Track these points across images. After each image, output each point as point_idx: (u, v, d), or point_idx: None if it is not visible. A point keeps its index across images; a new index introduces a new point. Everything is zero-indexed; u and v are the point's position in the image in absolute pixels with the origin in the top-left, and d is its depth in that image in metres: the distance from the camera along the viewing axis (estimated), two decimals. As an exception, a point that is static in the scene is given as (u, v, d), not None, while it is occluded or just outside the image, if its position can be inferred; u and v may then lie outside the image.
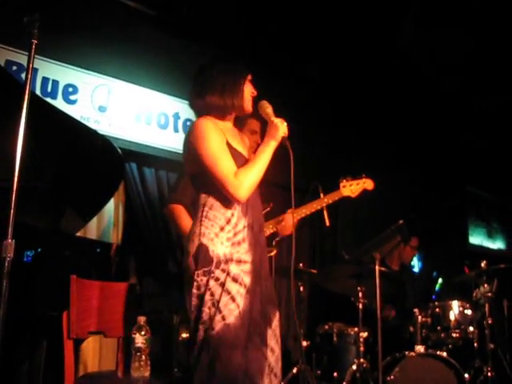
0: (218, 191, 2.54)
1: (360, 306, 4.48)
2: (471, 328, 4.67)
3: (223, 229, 2.51)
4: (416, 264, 7.50)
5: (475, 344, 4.73)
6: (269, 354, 2.49)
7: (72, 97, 4.45)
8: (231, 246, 2.50)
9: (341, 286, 4.80)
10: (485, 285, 4.82)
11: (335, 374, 4.74)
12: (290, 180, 2.61)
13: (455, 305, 4.71)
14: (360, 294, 4.49)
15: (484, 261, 4.78)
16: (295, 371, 4.63)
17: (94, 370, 3.96)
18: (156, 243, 4.80)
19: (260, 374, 2.42)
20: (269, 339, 2.51)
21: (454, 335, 4.65)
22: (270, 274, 2.69)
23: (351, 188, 4.11)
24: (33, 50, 2.17)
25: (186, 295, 2.47)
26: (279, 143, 2.63)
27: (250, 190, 2.53)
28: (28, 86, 2.15)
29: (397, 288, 4.94)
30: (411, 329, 4.67)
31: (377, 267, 4.14)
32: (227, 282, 2.43)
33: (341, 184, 4.12)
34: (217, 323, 2.38)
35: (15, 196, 2.01)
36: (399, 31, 5.69)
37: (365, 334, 4.58)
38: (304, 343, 4.76)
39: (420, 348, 4.41)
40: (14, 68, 4.14)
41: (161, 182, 4.93)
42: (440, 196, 7.63)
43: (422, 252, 7.44)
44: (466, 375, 4.34)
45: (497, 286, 4.97)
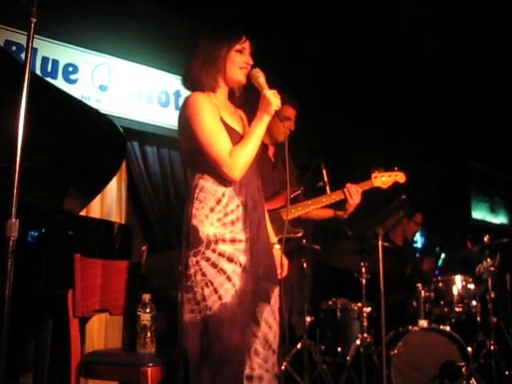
0: (212, 170, 2.51)
1: (363, 282, 4.50)
2: (474, 302, 4.70)
3: (213, 210, 2.49)
4: (419, 239, 7.52)
5: (478, 318, 4.76)
6: (266, 330, 2.52)
7: (72, 76, 4.43)
8: (223, 226, 2.48)
9: (344, 262, 4.82)
10: (487, 259, 4.83)
11: (339, 349, 4.78)
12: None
13: (458, 279, 4.73)
14: (363, 270, 4.51)
15: (487, 235, 4.79)
16: (299, 346, 4.67)
17: (100, 348, 3.99)
18: (159, 221, 4.81)
19: (248, 351, 2.46)
20: (267, 315, 2.53)
21: (457, 309, 4.67)
22: (267, 249, 2.65)
23: (382, 179, 4.12)
24: (32, 29, 2.14)
25: (179, 277, 2.48)
26: (273, 117, 2.55)
27: (245, 169, 2.51)
28: (28, 66, 2.14)
29: (400, 264, 4.96)
30: (414, 304, 4.69)
31: (380, 242, 4.15)
32: (221, 262, 2.43)
33: (372, 174, 4.12)
34: (213, 303, 2.38)
35: (18, 176, 2.01)
36: (401, 4, 5.65)
37: (368, 309, 4.61)
38: (308, 319, 4.79)
39: (423, 322, 4.44)
40: (14, 48, 4.11)
41: (163, 160, 4.93)
42: (442, 171, 7.62)
43: (426, 227, 7.46)
44: (469, 349, 4.37)
45: (499, 261, 4.99)
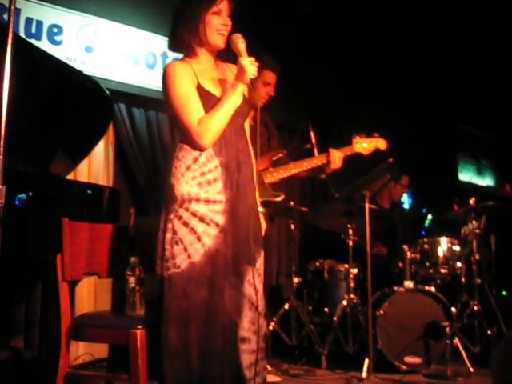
0: None
1: (350, 243, 4.55)
2: (459, 264, 4.76)
3: (189, 168, 2.53)
4: (406, 200, 7.56)
5: (462, 279, 4.83)
6: (252, 293, 2.54)
7: (57, 37, 4.35)
8: (198, 186, 2.52)
9: (331, 224, 4.86)
10: (473, 221, 4.89)
11: (326, 310, 4.86)
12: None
13: (444, 241, 4.78)
14: (350, 232, 4.55)
15: (472, 198, 4.83)
16: (287, 307, 4.74)
17: (91, 311, 4.02)
18: (147, 183, 4.81)
19: (238, 312, 2.50)
20: (251, 278, 2.54)
21: (442, 271, 4.74)
22: (252, 211, 2.64)
23: (364, 146, 4.13)
24: (15, -11, 2.11)
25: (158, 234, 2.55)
26: (248, 86, 2.57)
27: (214, 136, 2.53)
28: (11, 27, 2.10)
29: (387, 225, 5.00)
30: (400, 265, 4.75)
31: (367, 205, 4.18)
32: (192, 222, 2.48)
33: (354, 140, 4.13)
34: (182, 261, 2.45)
35: (3, 142, 1.99)
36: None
37: (355, 271, 4.68)
38: (295, 280, 4.85)
39: (409, 283, 4.50)
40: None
41: (150, 123, 4.90)
42: (430, 133, 7.63)
43: (412, 189, 7.50)
44: (453, 309, 4.46)
45: (485, 223, 5.04)
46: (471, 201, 4.82)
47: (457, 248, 4.78)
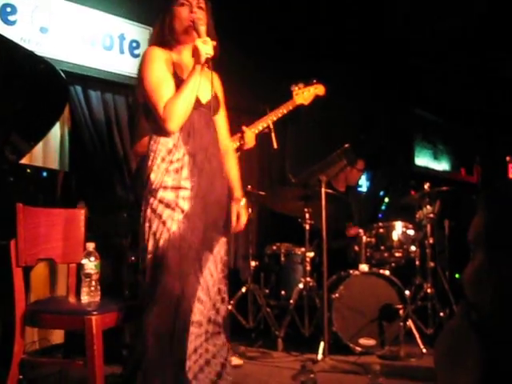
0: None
1: (307, 227, 4.59)
2: (413, 247, 4.86)
3: (164, 159, 2.59)
4: (364, 183, 7.66)
5: (417, 262, 4.94)
6: (209, 278, 2.62)
7: (11, 17, 4.24)
8: (167, 174, 2.57)
9: (288, 208, 4.90)
10: (427, 206, 4.98)
11: (282, 293, 4.92)
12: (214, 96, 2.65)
13: (398, 225, 4.87)
14: (307, 216, 4.59)
15: (427, 183, 4.92)
16: (244, 290, 4.78)
17: (47, 296, 3.99)
18: (103, 167, 4.77)
19: (193, 298, 2.54)
20: (210, 264, 2.63)
21: (397, 254, 4.83)
22: (221, 201, 2.73)
23: (304, 95, 4.11)
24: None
25: None
26: (204, 65, 2.56)
27: (180, 119, 2.56)
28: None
29: (342, 209, 5.07)
30: (356, 248, 4.82)
31: (323, 189, 4.23)
32: (159, 208, 2.55)
33: (293, 92, 4.10)
34: (152, 247, 2.54)
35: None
36: None
37: (311, 254, 4.72)
38: (252, 263, 4.89)
39: (364, 267, 4.58)
40: None
41: (107, 105, 4.84)
42: (388, 118, 7.72)
43: (371, 172, 7.60)
44: (407, 292, 4.55)
45: (439, 207, 5.15)
46: (426, 186, 4.91)
47: (411, 232, 4.87)
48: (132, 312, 2.72)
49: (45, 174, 3.40)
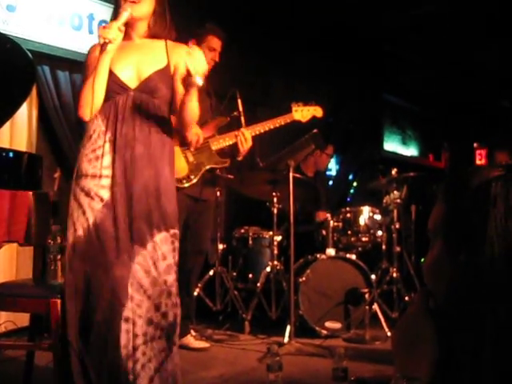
0: None
1: (275, 211, 4.61)
2: (380, 232, 4.92)
3: (84, 146, 2.57)
4: (333, 167, 7.71)
5: (383, 247, 5.01)
6: (141, 275, 2.46)
7: (-24, -6, 4.18)
8: (87, 162, 2.53)
9: (257, 192, 4.91)
10: (394, 191, 5.04)
11: (250, 276, 4.95)
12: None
13: (366, 210, 4.92)
14: (275, 200, 4.61)
15: (394, 168, 4.97)
16: (212, 273, 4.80)
17: (12, 279, 3.95)
18: (72, 148, 4.71)
19: (125, 292, 2.41)
20: (143, 260, 2.47)
21: (364, 239, 4.89)
22: (152, 190, 2.56)
23: (302, 113, 4.21)
24: None
25: None
26: (102, 51, 2.49)
27: (86, 106, 2.51)
28: None
29: (310, 193, 5.10)
30: (323, 233, 4.87)
31: (291, 174, 4.25)
32: (80, 196, 2.51)
33: (293, 108, 4.21)
34: (70, 236, 2.49)
35: None
36: None
37: (279, 238, 4.75)
38: (220, 246, 4.91)
39: (331, 251, 4.61)
40: None
41: (75, 86, 4.77)
42: (357, 103, 7.76)
43: (340, 156, 7.66)
44: (373, 276, 4.61)
45: (406, 193, 5.21)
46: (393, 171, 4.97)
47: (378, 217, 4.93)
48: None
49: (10, 156, 3.35)
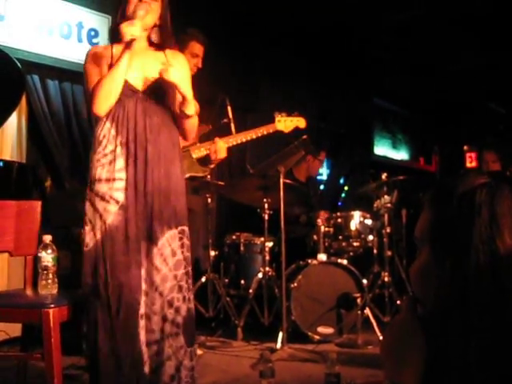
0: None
1: (266, 217, 4.62)
2: (371, 237, 4.93)
3: (95, 152, 2.61)
4: (324, 171, 7.73)
5: (374, 251, 5.02)
6: (153, 272, 2.55)
7: (-36, 4, 4.18)
8: (100, 167, 2.58)
9: (248, 198, 4.91)
10: (385, 196, 5.05)
11: (242, 282, 4.95)
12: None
13: (356, 215, 4.93)
14: (266, 206, 4.62)
15: (385, 173, 4.99)
16: (204, 280, 4.79)
17: (3, 289, 3.94)
18: (62, 157, 4.72)
19: (139, 290, 2.52)
20: (155, 257, 2.56)
21: (355, 244, 4.90)
22: (163, 189, 2.64)
23: (285, 123, 4.25)
24: None
25: None
26: (128, 47, 2.57)
27: (104, 101, 2.56)
28: None
29: (302, 199, 5.11)
30: (315, 238, 4.87)
31: (281, 180, 4.25)
32: (96, 201, 2.56)
33: (276, 118, 4.26)
34: (90, 240, 2.56)
35: None
36: None
37: (270, 244, 4.76)
38: (212, 253, 4.90)
39: (322, 256, 4.62)
40: None
41: (65, 94, 4.78)
42: (347, 107, 7.78)
43: (331, 160, 7.68)
44: (365, 281, 4.61)
45: (397, 197, 5.23)
46: (383, 176, 4.98)
47: (369, 222, 4.94)
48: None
49: (0, 165, 3.35)
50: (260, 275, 4.66)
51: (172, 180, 2.68)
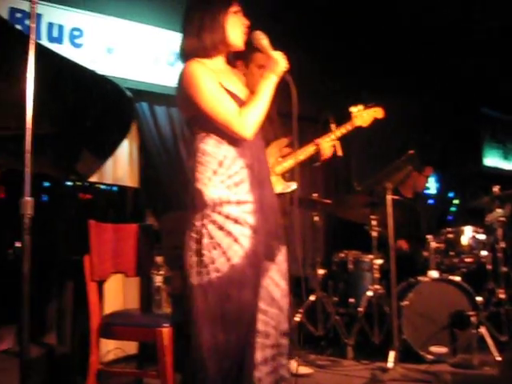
0: (214, 132, 2.52)
1: (374, 234, 4.56)
2: (484, 252, 4.74)
3: (216, 172, 2.49)
4: (433, 186, 7.57)
5: (488, 267, 4.81)
6: (273, 288, 2.54)
7: (78, 40, 4.41)
8: (227, 189, 2.48)
9: (355, 215, 4.88)
10: (498, 209, 4.86)
11: (351, 300, 4.90)
12: (296, 109, 2.59)
13: (468, 230, 4.77)
14: (374, 223, 4.57)
15: (497, 185, 4.80)
16: (313, 298, 4.79)
17: (120, 308, 4.10)
18: (172, 181, 4.87)
19: (256, 308, 2.48)
20: (273, 274, 2.56)
21: (467, 260, 4.73)
22: (275, 207, 2.65)
23: (363, 118, 4.04)
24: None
25: (186, 240, 2.49)
26: (280, 78, 2.57)
27: (256, 127, 2.51)
28: (32, 34, 2.15)
29: (410, 216, 5.01)
30: (425, 254, 4.74)
31: (388, 196, 4.19)
32: (227, 224, 2.44)
33: (352, 114, 4.07)
34: (222, 265, 2.41)
35: (29, 154, 2.05)
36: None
37: (379, 261, 4.68)
38: (320, 271, 4.89)
39: (434, 273, 4.51)
40: (19, 15, 4.09)
41: (172, 119, 4.97)
42: (453, 118, 7.59)
43: (439, 174, 7.49)
44: (479, 298, 4.44)
45: (510, 210, 5.01)
46: (496, 188, 4.79)
47: (481, 236, 4.77)
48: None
49: (115, 191, 3.51)
50: (369, 293, 4.61)
51: (275, 197, 2.70)
